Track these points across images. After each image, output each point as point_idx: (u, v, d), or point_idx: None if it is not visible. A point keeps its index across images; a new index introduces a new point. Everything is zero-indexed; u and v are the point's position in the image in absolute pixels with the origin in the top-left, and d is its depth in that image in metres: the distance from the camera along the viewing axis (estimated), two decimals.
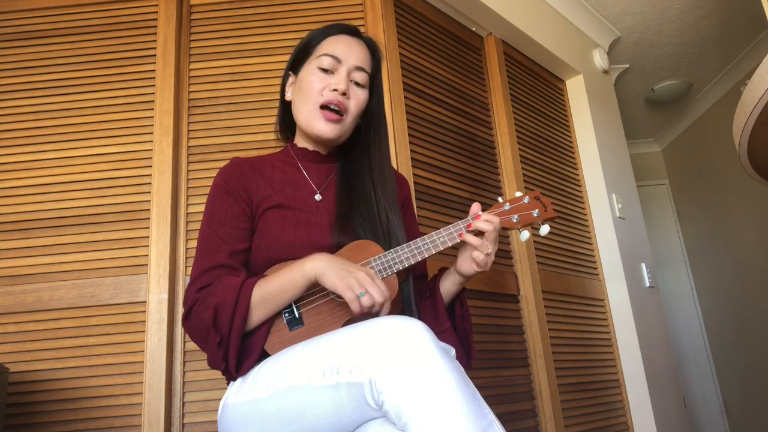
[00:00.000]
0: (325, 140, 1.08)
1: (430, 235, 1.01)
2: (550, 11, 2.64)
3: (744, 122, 1.11)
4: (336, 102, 1.05)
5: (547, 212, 1.05)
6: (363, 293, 0.86)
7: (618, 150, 2.83)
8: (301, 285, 0.92)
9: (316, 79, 1.06)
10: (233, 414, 0.89)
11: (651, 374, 2.39)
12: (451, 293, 1.07)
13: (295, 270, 0.92)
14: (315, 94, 1.05)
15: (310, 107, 1.06)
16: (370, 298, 0.86)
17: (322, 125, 1.05)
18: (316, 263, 0.91)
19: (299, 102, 1.09)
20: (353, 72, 1.07)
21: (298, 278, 0.92)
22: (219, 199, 1.03)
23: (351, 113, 1.08)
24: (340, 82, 1.04)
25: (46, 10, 1.80)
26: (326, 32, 1.10)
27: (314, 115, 1.06)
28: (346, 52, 1.07)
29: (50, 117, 1.70)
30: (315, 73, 1.06)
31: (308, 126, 1.07)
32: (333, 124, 1.06)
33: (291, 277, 0.92)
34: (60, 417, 1.46)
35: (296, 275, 0.92)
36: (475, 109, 2.20)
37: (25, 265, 1.57)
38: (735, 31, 3.11)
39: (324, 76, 1.06)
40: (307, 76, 1.07)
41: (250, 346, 0.93)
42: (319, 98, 1.05)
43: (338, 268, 0.89)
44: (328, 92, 1.05)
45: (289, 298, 0.93)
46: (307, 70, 1.08)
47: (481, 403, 0.73)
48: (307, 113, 1.06)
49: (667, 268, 4.13)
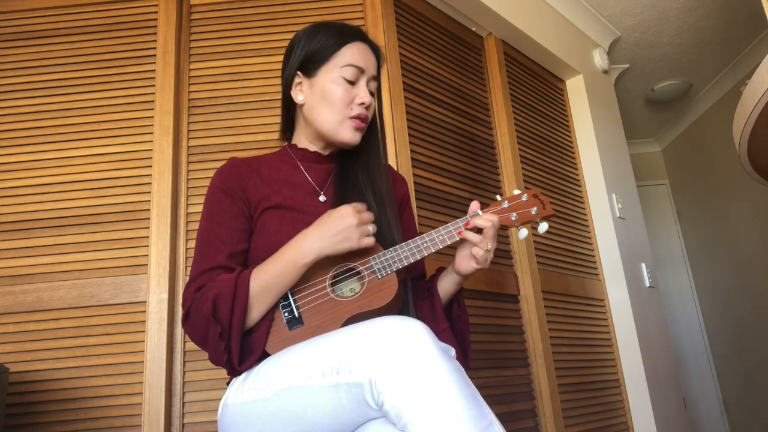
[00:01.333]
0: (348, 146, 1.11)
1: (429, 233, 1.01)
2: (550, 11, 2.64)
3: (744, 122, 1.11)
4: (364, 116, 1.08)
5: (545, 210, 1.06)
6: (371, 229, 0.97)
7: (618, 150, 2.83)
8: (299, 269, 0.93)
9: (341, 90, 1.07)
10: (233, 414, 0.89)
11: (651, 374, 2.39)
12: (449, 293, 1.07)
13: (291, 252, 0.93)
14: (343, 105, 1.07)
15: (339, 118, 1.07)
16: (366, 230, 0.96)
17: (352, 135, 1.08)
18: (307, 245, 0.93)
19: (320, 108, 1.08)
20: (370, 81, 1.10)
21: (297, 258, 0.93)
22: (217, 200, 1.03)
23: (369, 121, 1.11)
24: (366, 97, 1.07)
25: (46, 10, 1.80)
26: (344, 38, 1.09)
27: (344, 125, 1.08)
28: (366, 62, 1.09)
29: (50, 117, 1.70)
30: (340, 83, 1.07)
31: (334, 133, 1.08)
32: (359, 132, 1.09)
33: (287, 259, 0.93)
34: (60, 417, 1.46)
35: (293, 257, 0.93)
36: (475, 109, 2.20)
37: (25, 265, 1.57)
38: (735, 31, 3.11)
39: (349, 87, 1.07)
40: (331, 85, 1.07)
41: (251, 344, 0.93)
42: (349, 111, 1.07)
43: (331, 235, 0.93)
44: (357, 107, 1.07)
45: (288, 283, 0.94)
46: (329, 78, 1.07)
47: (482, 404, 0.73)
48: (335, 123, 1.08)
49: (667, 268, 4.13)
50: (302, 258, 0.92)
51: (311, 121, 1.10)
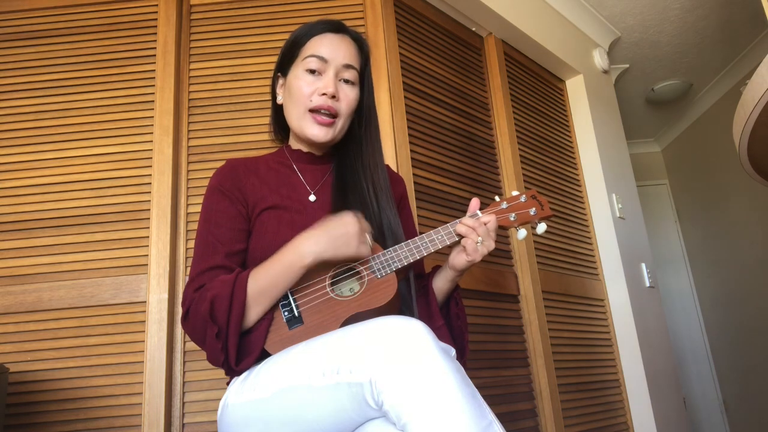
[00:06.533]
0: (318, 144, 1.08)
1: (429, 233, 1.01)
2: (550, 11, 2.64)
3: (744, 122, 1.11)
4: (326, 107, 1.04)
5: (543, 211, 1.06)
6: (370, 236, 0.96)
7: (618, 150, 2.83)
8: (296, 271, 0.92)
9: (303, 83, 1.05)
10: (233, 414, 0.89)
11: (651, 374, 2.39)
12: (444, 290, 1.07)
13: (290, 254, 0.92)
14: (304, 98, 1.05)
15: (301, 112, 1.06)
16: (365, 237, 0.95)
17: (315, 129, 1.05)
18: (307, 248, 0.91)
19: (290, 106, 1.09)
20: (341, 71, 1.06)
21: (295, 260, 0.92)
22: (215, 201, 1.03)
23: (343, 115, 1.07)
24: (328, 85, 1.03)
25: (46, 10, 1.80)
26: (311, 31, 1.08)
27: (306, 119, 1.05)
28: (332, 51, 1.06)
29: (50, 117, 1.70)
30: (302, 76, 1.05)
31: (300, 130, 1.07)
32: (325, 127, 1.05)
33: (286, 262, 0.92)
34: (60, 417, 1.46)
35: (292, 259, 0.92)
36: (475, 109, 2.20)
37: (25, 265, 1.57)
38: (735, 31, 3.11)
39: (312, 79, 1.05)
40: (295, 80, 1.06)
41: (250, 343, 0.93)
42: (309, 103, 1.05)
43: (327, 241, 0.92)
44: (317, 97, 1.04)
45: (286, 285, 0.93)
46: (295, 73, 1.07)
47: (481, 403, 0.74)
48: (299, 118, 1.06)
49: (667, 268, 4.13)
50: (300, 260, 0.92)
51: (287, 120, 1.11)
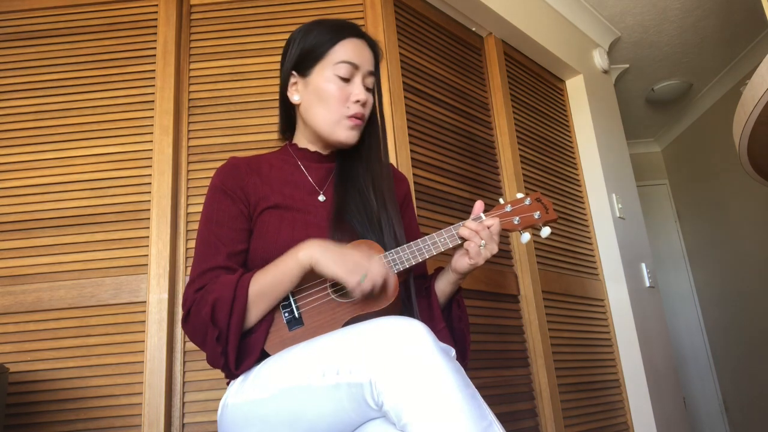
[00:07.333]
0: (345, 146, 1.09)
1: (431, 236, 1.00)
2: (550, 11, 2.64)
3: (744, 122, 1.11)
4: (360, 114, 1.06)
5: (548, 214, 1.04)
6: (365, 276, 0.87)
7: (618, 150, 2.83)
8: (296, 274, 0.92)
9: (335, 88, 1.05)
10: (233, 414, 0.89)
11: (651, 374, 2.39)
12: (446, 292, 1.07)
13: (289, 259, 0.92)
14: (338, 104, 1.05)
15: (335, 117, 1.06)
16: (371, 281, 0.88)
17: (348, 134, 1.06)
18: (309, 251, 0.91)
19: (316, 108, 1.07)
20: (366, 77, 1.08)
21: (293, 267, 0.92)
22: (216, 200, 1.03)
23: (366, 118, 1.09)
24: (361, 94, 1.05)
25: (46, 10, 1.80)
26: (337, 35, 1.07)
27: (341, 125, 1.06)
28: (361, 58, 1.07)
29: (50, 117, 1.70)
30: (334, 80, 1.05)
31: (330, 133, 1.07)
32: (355, 131, 1.07)
33: (285, 267, 0.92)
34: (60, 417, 1.46)
35: (290, 264, 0.92)
36: (475, 109, 2.20)
37: (25, 265, 1.57)
38: (735, 31, 3.11)
39: (343, 85, 1.05)
40: (325, 84, 1.05)
41: (249, 345, 0.93)
42: (345, 110, 1.05)
43: (334, 254, 0.90)
44: (353, 105, 1.05)
45: (285, 289, 0.93)
46: (324, 76, 1.06)
47: (481, 404, 0.73)
48: (333, 123, 1.06)
49: (667, 268, 4.13)
50: (297, 265, 0.92)
51: (308, 121, 1.09)
